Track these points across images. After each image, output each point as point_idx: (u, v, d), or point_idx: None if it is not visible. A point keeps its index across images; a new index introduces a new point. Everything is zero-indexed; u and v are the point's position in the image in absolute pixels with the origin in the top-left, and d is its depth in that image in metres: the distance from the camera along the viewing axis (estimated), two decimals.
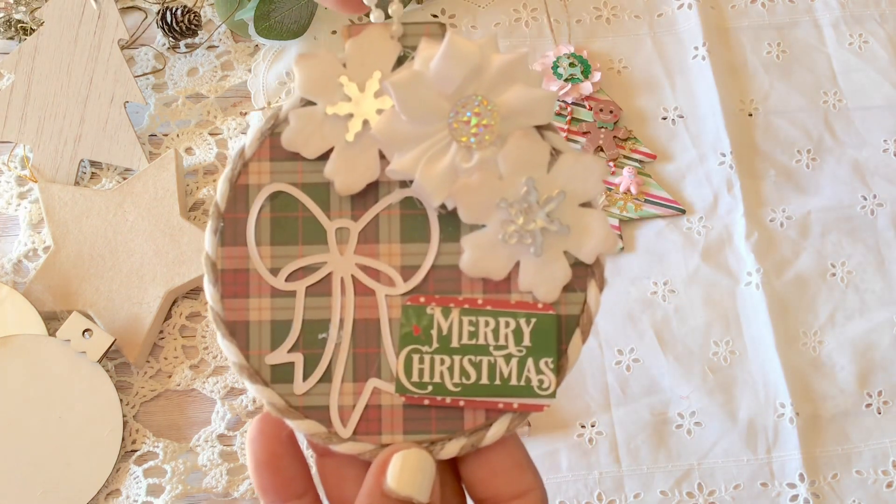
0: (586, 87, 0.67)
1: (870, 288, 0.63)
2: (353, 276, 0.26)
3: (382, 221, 0.26)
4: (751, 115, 0.69)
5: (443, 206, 0.26)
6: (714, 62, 0.69)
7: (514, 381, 0.26)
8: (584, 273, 0.27)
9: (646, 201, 0.64)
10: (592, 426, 0.58)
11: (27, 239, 0.61)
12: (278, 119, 0.27)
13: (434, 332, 0.26)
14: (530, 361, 0.26)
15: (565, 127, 0.66)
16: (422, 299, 0.26)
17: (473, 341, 0.26)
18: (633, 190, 0.64)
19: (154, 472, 0.56)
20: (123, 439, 0.55)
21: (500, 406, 0.26)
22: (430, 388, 0.26)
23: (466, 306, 0.26)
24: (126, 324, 0.57)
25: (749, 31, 0.72)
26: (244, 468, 0.56)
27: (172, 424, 0.57)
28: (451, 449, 0.26)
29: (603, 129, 0.66)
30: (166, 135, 0.65)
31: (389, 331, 0.26)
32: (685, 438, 0.58)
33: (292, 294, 0.26)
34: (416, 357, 0.26)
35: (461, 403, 0.26)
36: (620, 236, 0.63)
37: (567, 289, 0.26)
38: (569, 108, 0.67)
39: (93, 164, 0.64)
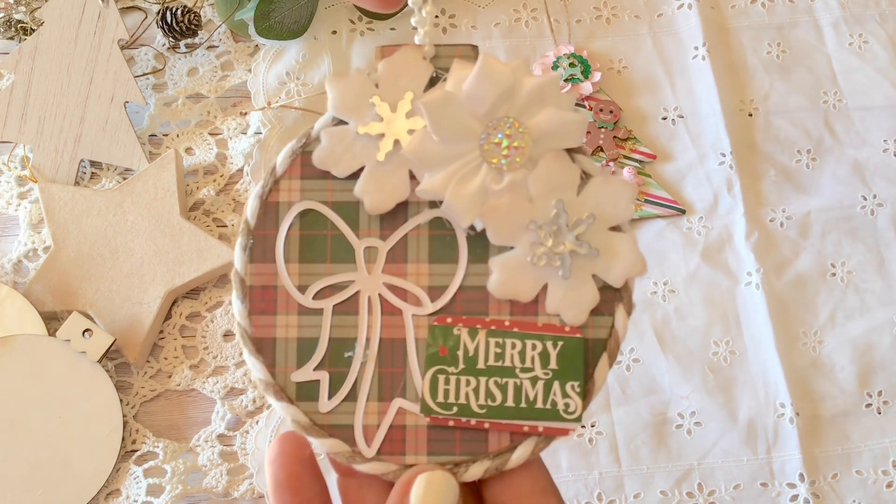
0: (586, 87, 0.67)
1: (870, 288, 0.64)
2: (380, 295, 0.26)
3: (411, 241, 0.26)
4: (751, 115, 0.69)
5: (471, 227, 0.26)
6: (714, 62, 0.69)
7: (539, 405, 0.26)
8: (613, 297, 0.26)
9: (646, 201, 0.64)
10: (592, 426, 0.58)
11: (27, 239, 0.61)
12: (310, 137, 0.27)
13: (460, 353, 0.26)
14: (556, 385, 0.26)
15: None
16: (449, 320, 0.26)
17: (500, 363, 0.26)
18: None
19: (154, 472, 0.56)
20: (123, 439, 0.55)
21: (526, 429, 0.26)
22: (455, 409, 0.26)
23: (493, 328, 0.26)
24: (126, 324, 0.57)
25: (749, 31, 0.72)
26: (244, 468, 0.56)
27: (172, 424, 0.57)
28: (474, 471, 0.26)
29: (603, 129, 0.66)
30: (166, 135, 0.65)
31: (416, 351, 0.26)
32: (685, 438, 0.58)
33: (319, 312, 0.26)
34: (441, 378, 0.26)
35: (486, 425, 0.26)
36: None
37: (595, 312, 0.26)
38: None
39: (93, 164, 0.64)
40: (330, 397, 0.26)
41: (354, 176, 0.26)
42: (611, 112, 0.67)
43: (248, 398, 0.58)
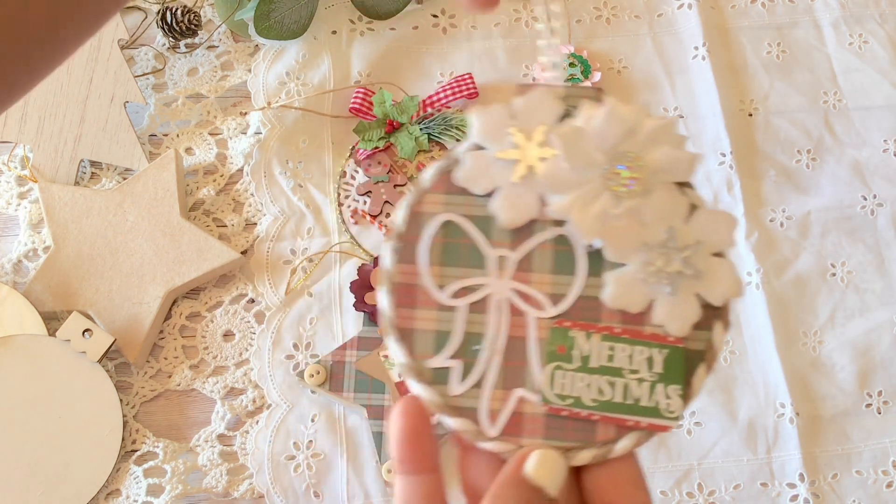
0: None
1: (870, 288, 0.64)
2: (508, 298, 0.30)
3: (536, 254, 0.30)
4: (751, 115, 0.69)
5: (590, 245, 0.30)
6: (714, 62, 0.69)
7: (644, 403, 0.29)
8: (712, 314, 0.30)
9: None
10: None
11: (27, 239, 0.61)
12: (453, 159, 0.31)
13: (576, 353, 0.29)
14: (660, 387, 0.29)
15: None
16: (567, 323, 0.30)
17: (610, 364, 0.29)
18: None
19: (154, 472, 0.56)
20: (123, 439, 0.55)
21: (630, 424, 0.29)
22: (569, 401, 0.29)
23: (606, 333, 0.29)
24: (126, 324, 0.57)
25: (749, 31, 0.72)
26: (244, 468, 0.56)
27: (172, 424, 0.57)
28: (583, 457, 0.29)
29: None
30: (166, 135, 0.65)
31: (536, 348, 0.30)
32: (685, 438, 0.58)
33: (454, 309, 0.30)
34: (559, 373, 0.29)
35: (595, 417, 0.29)
36: None
37: (696, 327, 0.30)
38: None
39: (93, 164, 0.64)
40: (460, 383, 0.30)
41: (490, 194, 0.30)
42: None
43: (248, 398, 0.58)
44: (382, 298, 0.30)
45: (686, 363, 0.29)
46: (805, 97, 0.70)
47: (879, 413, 0.60)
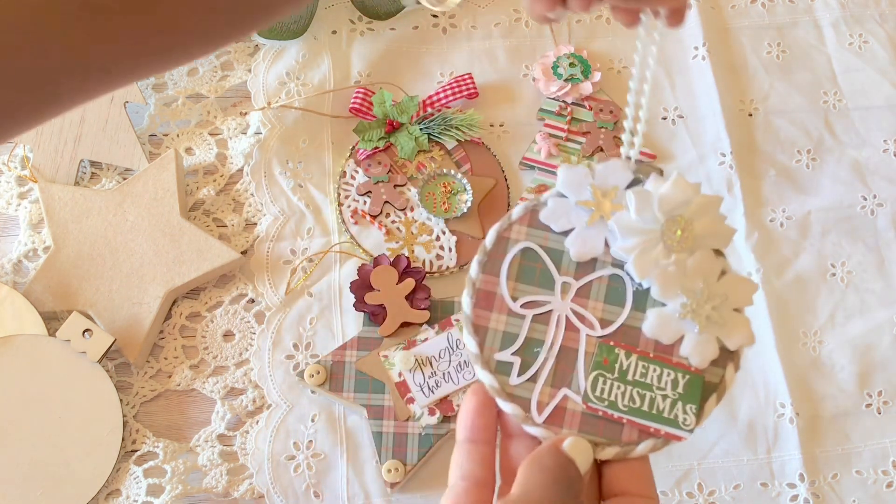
0: (586, 87, 0.67)
1: (870, 288, 0.64)
2: (566, 315, 0.37)
3: (594, 285, 0.37)
4: (751, 115, 0.69)
5: (640, 284, 0.37)
6: (714, 62, 0.69)
7: (665, 414, 0.36)
8: (727, 356, 0.37)
9: None
10: None
11: (27, 239, 0.61)
12: (540, 201, 0.38)
13: (616, 366, 0.36)
14: (680, 404, 0.36)
15: (565, 127, 0.66)
16: (612, 343, 0.36)
17: (643, 380, 0.36)
18: None
19: (154, 472, 0.56)
20: (123, 439, 0.55)
21: (652, 430, 0.35)
22: (606, 403, 0.36)
23: (643, 355, 0.36)
24: (126, 324, 0.57)
25: (749, 31, 0.72)
26: (244, 468, 0.56)
27: (172, 424, 0.57)
28: (608, 452, 0.35)
29: (603, 129, 0.66)
30: (166, 135, 0.65)
31: (583, 359, 0.36)
32: None
33: (522, 317, 0.37)
34: (601, 379, 0.36)
35: (624, 420, 0.35)
36: None
37: (713, 363, 0.36)
38: (569, 108, 0.67)
39: (93, 164, 0.64)
40: (518, 376, 0.36)
41: (565, 233, 0.37)
42: (611, 112, 0.67)
43: (248, 398, 0.58)
44: (465, 299, 0.37)
45: (703, 390, 0.36)
46: (805, 97, 0.70)
47: (879, 413, 0.60)
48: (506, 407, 0.36)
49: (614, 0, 0.38)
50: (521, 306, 0.37)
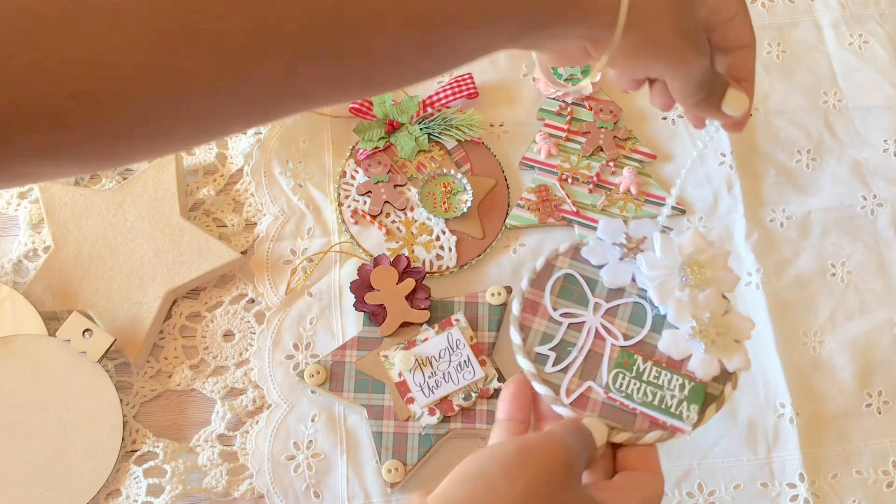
0: (586, 87, 0.67)
1: (870, 288, 0.64)
2: (595, 327, 0.46)
3: (621, 307, 0.46)
4: (751, 115, 0.69)
5: (657, 309, 0.46)
6: None
7: (672, 410, 0.44)
8: (726, 376, 0.45)
9: (646, 201, 0.64)
10: None
11: (27, 239, 0.61)
12: (583, 241, 0.48)
13: (635, 367, 0.44)
14: (685, 403, 0.44)
15: (565, 127, 0.66)
16: (632, 350, 0.45)
17: (656, 381, 0.44)
18: (633, 190, 0.64)
19: (154, 472, 0.56)
20: (123, 439, 0.55)
21: (660, 422, 0.43)
22: (623, 394, 0.44)
23: (657, 362, 0.45)
24: (126, 324, 0.57)
25: None
26: (244, 468, 0.56)
27: (172, 424, 0.57)
28: (621, 436, 0.43)
29: (603, 129, 0.66)
30: None
31: (607, 361, 0.45)
32: (685, 438, 0.58)
33: (560, 324, 0.46)
34: (621, 375, 0.44)
35: (637, 411, 0.44)
36: None
37: (714, 380, 0.45)
38: (569, 108, 0.67)
39: None
40: (552, 366, 0.45)
41: (600, 266, 0.47)
42: (611, 112, 0.67)
43: (248, 398, 0.58)
44: (515, 304, 0.46)
45: (705, 396, 0.44)
46: (805, 97, 0.70)
47: (879, 413, 0.60)
48: (540, 389, 0.44)
49: (689, 108, 0.42)
50: (560, 315, 0.46)
